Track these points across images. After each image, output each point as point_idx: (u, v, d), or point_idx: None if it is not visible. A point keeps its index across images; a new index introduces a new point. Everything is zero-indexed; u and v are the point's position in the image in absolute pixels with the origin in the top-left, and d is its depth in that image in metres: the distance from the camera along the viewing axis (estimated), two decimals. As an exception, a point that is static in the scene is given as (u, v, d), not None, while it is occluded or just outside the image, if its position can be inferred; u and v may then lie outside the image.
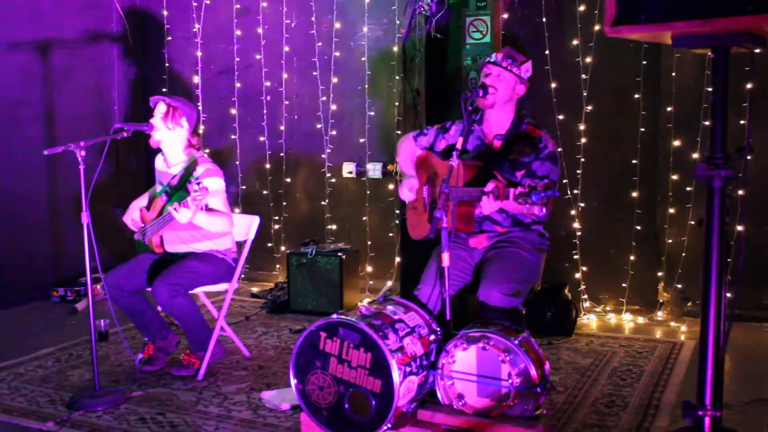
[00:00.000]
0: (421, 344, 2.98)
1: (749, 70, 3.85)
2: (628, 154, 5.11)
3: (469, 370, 2.93)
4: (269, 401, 3.63)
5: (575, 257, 5.24)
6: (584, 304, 5.24)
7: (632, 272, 5.14)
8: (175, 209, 3.67)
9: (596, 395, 3.71)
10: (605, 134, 5.19)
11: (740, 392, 3.64)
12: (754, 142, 4.50)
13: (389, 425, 2.87)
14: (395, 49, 5.75)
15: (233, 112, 6.43)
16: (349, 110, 6.06)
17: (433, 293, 3.39)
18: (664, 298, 5.10)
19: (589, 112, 5.14)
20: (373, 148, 5.95)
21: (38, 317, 5.42)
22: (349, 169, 6.07)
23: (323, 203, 6.17)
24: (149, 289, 3.95)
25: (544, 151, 3.53)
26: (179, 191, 3.95)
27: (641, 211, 5.10)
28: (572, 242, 5.24)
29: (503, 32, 5.19)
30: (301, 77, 6.20)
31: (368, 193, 5.98)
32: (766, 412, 3.48)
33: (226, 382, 3.98)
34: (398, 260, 5.76)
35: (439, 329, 3.11)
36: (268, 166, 6.36)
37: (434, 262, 3.51)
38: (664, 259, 5.06)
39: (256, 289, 6.14)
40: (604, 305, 5.26)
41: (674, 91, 4.91)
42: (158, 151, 4.17)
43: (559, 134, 5.12)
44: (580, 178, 5.18)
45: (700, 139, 4.84)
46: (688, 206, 4.92)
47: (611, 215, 5.24)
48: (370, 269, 5.99)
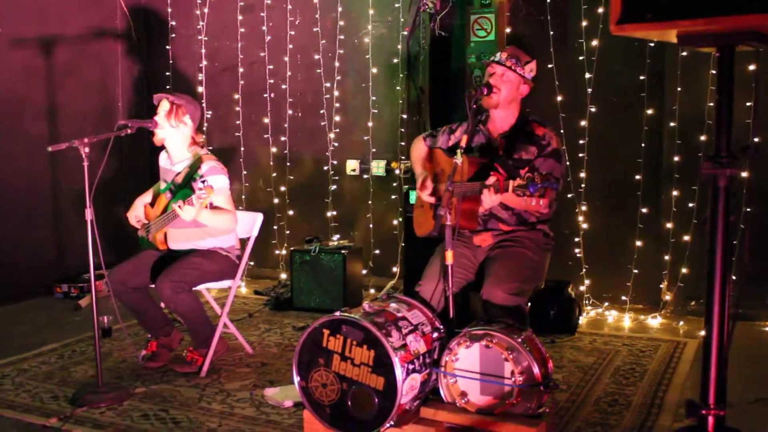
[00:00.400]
0: (424, 342, 2.98)
1: (755, 69, 3.84)
2: (632, 152, 5.09)
3: (472, 368, 2.92)
4: (272, 398, 3.64)
5: (579, 255, 5.23)
6: (587, 302, 5.24)
7: (636, 271, 5.13)
8: (179, 207, 3.68)
9: (599, 394, 3.71)
10: (609, 133, 5.18)
11: (744, 392, 3.64)
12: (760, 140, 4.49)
13: (392, 423, 2.87)
14: (399, 46, 5.74)
15: (237, 109, 6.43)
16: (352, 108, 6.06)
17: (436, 291, 3.39)
18: (667, 296, 5.09)
19: (593, 111, 5.13)
20: (376, 146, 5.95)
21: (42, 313, 5.43)
22: (352, 166, 6.07)
23: (327, 201, 6.17)
24: (153, 285, 3.95)
25: (547, 148, 3.53)
26: (183, 188, 3.95)
27: (645, 210, 5.09)
28: (576, 240, 5.23)
29: (508, 30, 5.18)
30: (305, 75, 6.19)
31: (372, 190, 5.98)
32: (769, 411, 3.48)
33: (229, 379, 3.98)
34: (402, 258, 5.75)
35: (442, 327, 3.11)
36: (271, 163, 6.35)
37: (437, 259, 3.51)
38: (667, 257, 5.05)
39: (259, 286, 6.14)
40: (607, 304, 5.25)
41: (679, 89, 4.90)
42: (162, 148, 4.17)
43: (563, 133, 5.11)
44: (583, 176, 5.17)
45: (704, 138, 4.83)
46: (692, 205, 4.91)
47: (615, 214, 5.23)
48: (373, 266, 5.99)
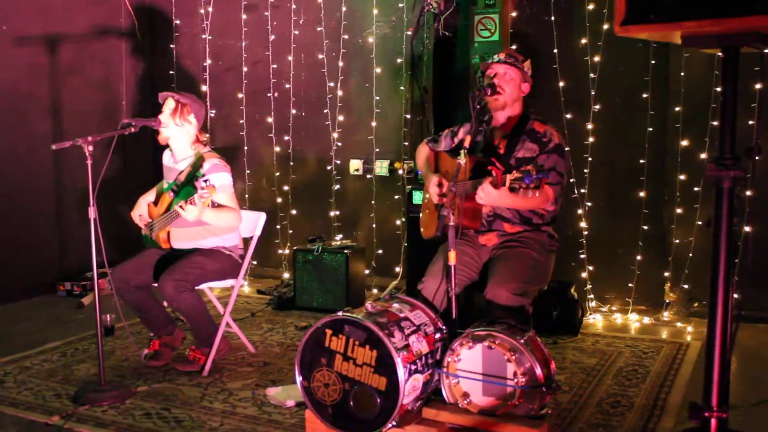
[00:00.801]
0: (426, 342, 2.98)
1: (759, 70, 3.83)
2: (635, 153, 5.09)
3: (474, 368, 2.92)
4: (274, 398, 3.64)
5: (582, 257, 5.23)
6: (590, 303, 5.23)
7: (639, 272, 5.13)
8: (181, 207, 3.68)
9: (601, 395, 3.70)
10: (613, 133, 5.17)
11: (747, 394, 3.63)
12: (762, 142, 4.48)
13: (394, 423, 2.86)
14: (403, 46, 5.74)
15: (241, 108, 6.43)
16: (356, 108, 6.06)
17: (438, 289, 3.38)
18: (670, 298, 5.09)
19: (597, 111, 5.12)
20: (380, 145, 5.95)
21: (44, 311, 5.44)
22: (356, 166, 6.07)
23: (330, 200, 6.17)
24: (155, 284, 3.96)
25: (549, 144, 3.54)
26: (186, 187, 3.95)
27: (648, 210, 5.09)
28: (579, 241, 5.22)
29: (512, 30, 5.18)
30: (308, 74, 6.19)
31: (375, 190, 5.98)
32: (772, 414, 3.47)
33: (231, 378, 3.98)
34: (404, 258, 5.75)
35: (444, 327, 3.11)
36: (275, 162, 6.36)
37: (440, 258, 3.50)
38: (671, 259, 5.04)
39: (262, 285, 6.14)
40: (610, 305, 5.25)
41: (683, 90, 4.89)
42: (166, 146, 4.17)
43: (566, 133, 5.10)
44: (587, 177, 5.16)
45: (708, 139, 4.82)
46: (695, 206, 4.90)
47: (618, 215, 5.22)
48: (376, 266, 5.98)
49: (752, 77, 4.17)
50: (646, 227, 5.10)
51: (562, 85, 5.16)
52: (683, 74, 4.88)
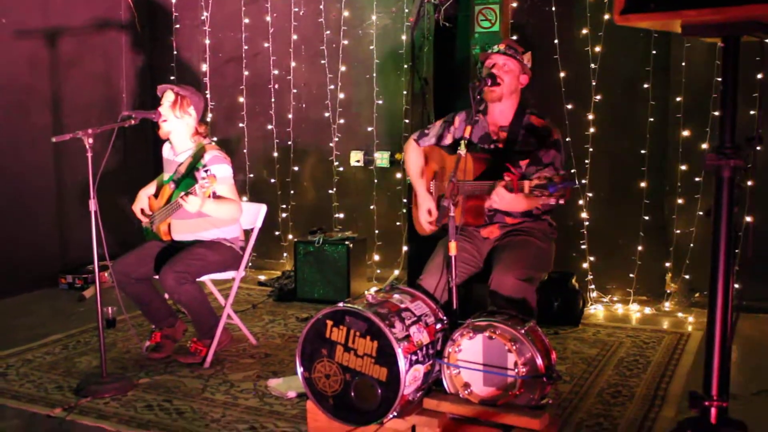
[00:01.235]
0: (427, 333, 2.98)
1: (760, 59, 3.82)
2: (636, 144, 5.08)
3: (475, 359, 2.93)
4: (275, 389, 3.65)
5: (583, 247, 5.23)
6: (591, 294, 5.23)
7: (640, 262, 5.13)
8: (182, 198, 3.68)
9: (602, 385, 3.71)
10: (614, 124, 5.16)
11: (747, 383, 3.63)
12: (764, 132, 4.47)
13: (395, 414, 2.87)
14: (404, 37, 5.73)
15: (241, 100, 6.42)
16: (357, 99, 6.05)
17: (438, 285, 3.38)
18: (671, 288, 5.09)
19: (597, 101, 5.11)
20: (380, 137, 5.94)
21: (46, 304, 5.45)
22: (356, 157, 6.07)
23: (331, 192, 6.17)
24: (157, 276, 3.96)
25: (548, 139, 3.54)
26: (186, 178, 3.96)
27: (649, 201, 5.08)
28: (580, 232, 5.22)
29: (512, 21, 5.17)
30: (309, 66, 6.18)
31: (376, 181, 5.98)
32: (773, 403, 3.47)
33: (232, 369, 3.99)
34: (405, 249, 5.75)
35: (445, 318, 3.11)
36: (275, 154, 6.35)
37: (439, 253, 3.50)
38: (672, 249, 5.04)
39: (263, 277, 6.15)
40: (611, 295, 5.25)
41: (684, 80, 4.88)
42: (166, 139, 4.17)
43: (567, 124, 5.10)
44: (588, 168, 5.16)
45: (709, 129, 4.81)
46: (696, 196, 4.90)
47: (619, 205, 5.22)
48: (377, 258, 5.99)
49: (754, 67, 4.16)
50: (647, 218, 5.10)
51: (562, 75, 5.15)
52: (684, 64, 4.87)
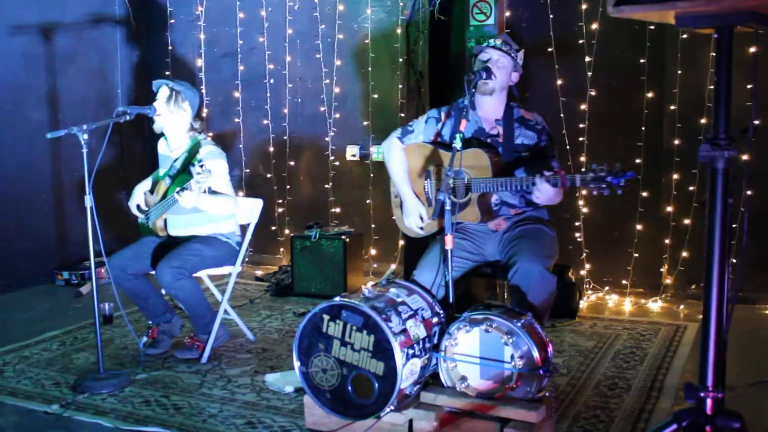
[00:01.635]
0: (424, 327, 2.98)
1: (754, 51, 3.82)
2: (632, 136, 5.08)
3: (472, 352, 2.93)
4: (273, 384, 3.65)
5: (579, 240, 5.23)
6: (588, 286, 5.24)
7: (636, 255, 5.13)
8: (178, 194, 3.67)
9: (599, 377, 3.71)
10: (609, 116, 5.16)
11: (744, 374, 3.64)
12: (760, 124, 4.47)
13: (392, 407, 2.88)
14: (398, 31, 5.72)
15: (236, 95, 6.41)
16: (352, 93, 6.04)
17: (435, 279, 3.36)
18: (667, 280, 5.10)
19: (593, 94, 5.11)
20: (376, 131, 5.93)
21: (43, 301, 5.45)
22: (352, 152, 6.06)
23: (327, 186, 6.16)
24: (153, 272, 3.96)
25: (543, 132, 3.59)
26: (182, 174, 3.95)
27: (645, 194, 5.09)
28: (576, 225, 5.23)
29: (507, 14, 5.16)
30: (304, 60, 6.17)
31: (372, 176, 5.98)
32: (769, 394, 3.48)
33: (229, 365, 3.99)
34: (402, 243, 5.76)
35: (442, 312, 3.11)
36: (271, 149, 6.35)
37: (434, 249, 3.48)
38: (668, 241, 5.04)
39: (260, 272, 6.15)
40: (607, 288, 5.26)
41: (679, 72, 4.88)
42: (161, 134, 4.16)
43: (562, 117, 5.10)
44: (583, 160, 5.16)
45: (704, 120, 4.81)
46: (692, 188, 4.90)
47: (615, 198, 5.18)
48: (373, 252, 5.99)
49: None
50: (642, 210, 5.10)
51: (557, 68, 5.14)
52: (680, 56, 4.86)
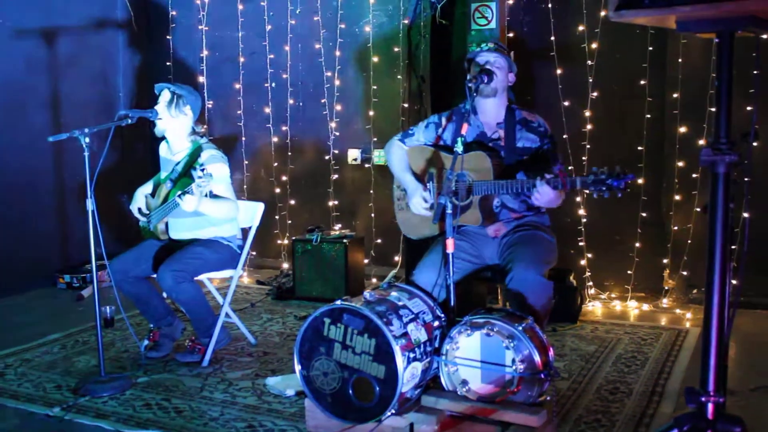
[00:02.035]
0: (425, 330, 2.98)
1: (755, 55, 3.81)
2: (633, 140, 5.08)
3: (473, 356, 2.93)
4: (274, 387, 3.65)
5: (580, 244, 5.23)
6: (589, 291, 5.24)
7: (638, 259, 5.13)
8: (179, 197, 3.68)
9: (601, 382, 3.71)
10: (611, 120, 5.16)
11: (745, 379, 3.64)
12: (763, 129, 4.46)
13: (393, 411, 2.87)
14: (400, 35, 5.73)
15: (238, 99, 6.42)
16: (354, 97, 6.05)
17: (435, 280, 3.36)
18: (669, 285, 5.09)
19: (594, 98, 5.11)
20: (378, 135, 5.94)
21: (44, 304, 5.45)
22: (354, 156, 6.06)
23: (328, 190, 6.17)
24: (155, 275, 3.96)
25: (546, 135, 3.60)
26: (183, 177, 3.95)
27: (647, 197, 5.09)
28: (577, 229, 5.22)
29: (509, 18, 5.16)
30: (306, 64, 6.18)
31: (373, 180, 5.98)
32: (770, 398, 3.48)
33: (231, 368, 3.99)
34: (403, 247, 5.75)
35: (443, 315, 3.11)
36: (273, 152, 6.35)
37: (434, 250, 3.48)
38: (669, 246, 5.04)
39: (261, 276, 6.15)
40: (609, 292, 5.25)
41: (681, 77, 4.88)
42: (163, 138, 4.17)
43: (564, 121, 5.10)
44: (585, 164, 5.15)
45: (706, 125, 4.81)
46: (693, 193, 4.90)
47: (617, 202, 5.17)
48: (375, 256, 5.99)
49: (751, 63, 4.15)
50: (644, 214, 5.10)
51: (559, 72, 5.14)
52: (681, 60, 4.87)
